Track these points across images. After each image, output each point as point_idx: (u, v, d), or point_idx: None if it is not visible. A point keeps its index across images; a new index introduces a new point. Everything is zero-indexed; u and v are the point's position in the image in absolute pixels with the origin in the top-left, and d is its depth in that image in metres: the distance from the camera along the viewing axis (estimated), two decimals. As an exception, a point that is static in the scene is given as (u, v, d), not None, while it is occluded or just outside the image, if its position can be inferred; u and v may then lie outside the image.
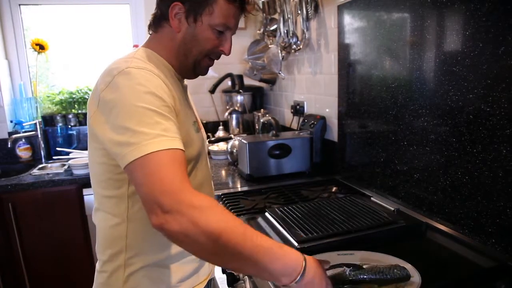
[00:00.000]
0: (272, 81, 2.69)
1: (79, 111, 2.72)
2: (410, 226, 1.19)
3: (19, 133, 2.47)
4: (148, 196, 0.67)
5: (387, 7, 1.38)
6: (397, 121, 1.36)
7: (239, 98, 2.72)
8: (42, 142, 2.51)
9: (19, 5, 2.57)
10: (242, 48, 2.77)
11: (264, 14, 2.43)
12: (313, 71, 2.06)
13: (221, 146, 2.35)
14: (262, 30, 2.51)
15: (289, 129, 2.39)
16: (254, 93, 2.80)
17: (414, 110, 1.27)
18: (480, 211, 1.06)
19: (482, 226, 1.05)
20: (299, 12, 2.00)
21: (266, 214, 1.30)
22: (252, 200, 1.50)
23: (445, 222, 1.18)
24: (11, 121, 2.53)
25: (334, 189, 1.64)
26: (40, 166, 2.37)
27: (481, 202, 1.05)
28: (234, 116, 2.68)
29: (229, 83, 2.71)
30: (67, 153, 2.46)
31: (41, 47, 2.55)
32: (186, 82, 1.00)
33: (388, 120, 1.40)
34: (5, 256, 2.02)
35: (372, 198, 1.45)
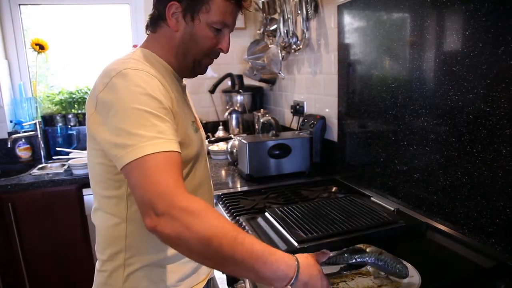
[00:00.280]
0: (272, 81, 2.69)
1: (79, 111, 2.72)
2: (410, 226, 1.19)
3: (19, 133, 2.47)
4: (142, 199, 0.68)
5: (387, 7, 1.38)
6: (397, 121, 1.36)
7: (239, 98, 2.72)
8: (42, 142, 2.51)
9: (19, 5, 2.57)
10: (242, 48, 2.77)
11: (264, 14, 2.43)
12: (313, 71, 2.06)
13: (221, 146, 2.35)
14: (262, 30, 2.51)
15: (289, 129, 2.39)
16: (254, 93, 2.80)
17: (414, 110, 1.27)
18: (480, 211, 1.06)
19: (482, 226, 1.05)
20: (299, 12, 2.00)
21: (266, 214, 1.30)
22: (252, 200, 1.50)
23: (445, 222, 1.18)
24: (11, 121, 2.53)
25: (334, 189, 1.64)
26: (40, 166, 2.37)
27: (481, 202, 1.05)
28: (234, 116, 2.68)
29: (229, 83, 2.71)
30: (67, 153, 2.45)
31: (41, 47, 2.55)
32: (185, 82, 1.00)
33: (388, 120, 1.40)
34: (5, 256, 2.02)
35: (372, 198, 1.45)
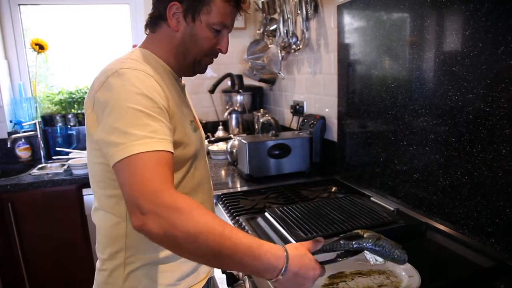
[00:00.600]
0: (271, 81, 2.69)
1: (79, 111, 2.72)
2: (409, 226, 1.19)
3: (19, 133, 2.47)
4: (129, 197, 0.68)
5: (386, 7, 1.38)
6: (396, 121, 1.36)
7: (238, 98, 2.72)
8: (41, 142, 2.50)
9: (19, 5, 2.57)
10: (241, 48, 2.77)
11: (264, 14, 2.43)
12: (312, 71, 2.06)
13: (221, 146, 2.35)
14: (261, 30, 2.51)
15: (289, 129, 2.39)
16: (254, 93, 2.80)
17: (414, 110, 1.27)
18: (480, 211, 1.06)
19: (482, 226, 1.05)
20: (299, 12, 2.00)
21: (266, 214, 1.30)
22: (252, 200, 1.50)
23: (445, 222, 1.18)
24: (10, 121, 2.53)
25: (333, 189, 1.64)
26: (40, 166, 2.36)
27: (480, 202, 1.05)
28: (233, 116, 2.68)
29: (229, 83, 2.70)
30: (67, 153, 2.45)
31: (40, 47, 2.55)
32: (184, 82, 1.00)
33: (387, 120, 1.40)
34: (4, 256, 2.02)
35: (371, 198, 1.45)
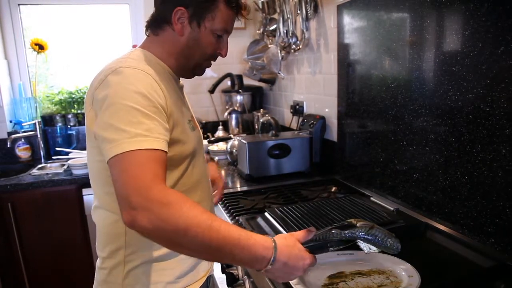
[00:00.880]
0: (271, 81, 2.69)
1: (79, 111, 2.72)
2: (409, 226, 1.19)
3: (19, 133, 2.47)
4: (120, 193, 0.69)
5: (386, 7, 1.38)
6: (396, 121, 1.36)
7: (238, 98, 2.72)
8: (41, 142, 2.50)
9: (19, 5, 2.57)
10: (241, 48, 2.77)
11: (264, 14, 2.43)
12: (312, 71, 2.06)
13: (221, 146, 2.35)
14: (261, 30, 2.51)
15: (289, 129, 2.39)
16: (254, 93, 2.80)
17: (414, 110, 1.27)
18: (480, 211, 1.06)
19: (482, 226, 1.05)
20: (299, 12, 2.00)
21: (266, 214, 1.30)
22: (252, 200, 1.50)
23: (445, 222, 1.18)
24: (10, 121, 2.53)
25: (333, 189, 1.64)
26: (40, 166, 2.36)
27: (480, 202, 1.05)
28: (233, 116, 2.68)
29: (229, 83, 2.71)
30: (67, 153, 2.45)
31: (40, 47, 2.55)
32: (182, 82, 1.01)
33: (387, 120, 1.40)
34: (4, 256, 2.02)
35: (371, 198, 1.45)
